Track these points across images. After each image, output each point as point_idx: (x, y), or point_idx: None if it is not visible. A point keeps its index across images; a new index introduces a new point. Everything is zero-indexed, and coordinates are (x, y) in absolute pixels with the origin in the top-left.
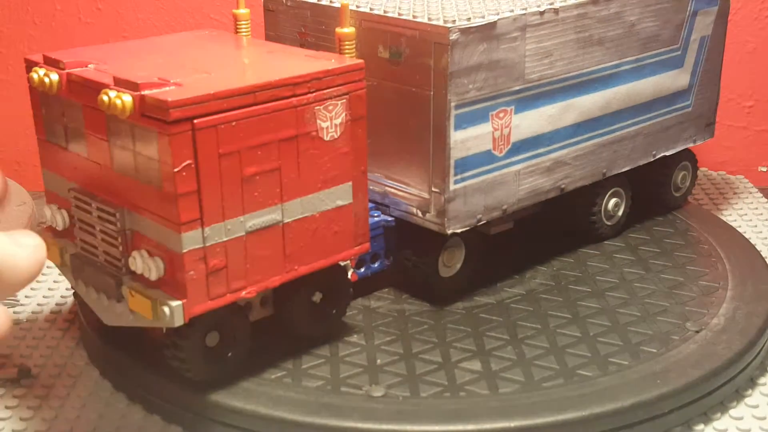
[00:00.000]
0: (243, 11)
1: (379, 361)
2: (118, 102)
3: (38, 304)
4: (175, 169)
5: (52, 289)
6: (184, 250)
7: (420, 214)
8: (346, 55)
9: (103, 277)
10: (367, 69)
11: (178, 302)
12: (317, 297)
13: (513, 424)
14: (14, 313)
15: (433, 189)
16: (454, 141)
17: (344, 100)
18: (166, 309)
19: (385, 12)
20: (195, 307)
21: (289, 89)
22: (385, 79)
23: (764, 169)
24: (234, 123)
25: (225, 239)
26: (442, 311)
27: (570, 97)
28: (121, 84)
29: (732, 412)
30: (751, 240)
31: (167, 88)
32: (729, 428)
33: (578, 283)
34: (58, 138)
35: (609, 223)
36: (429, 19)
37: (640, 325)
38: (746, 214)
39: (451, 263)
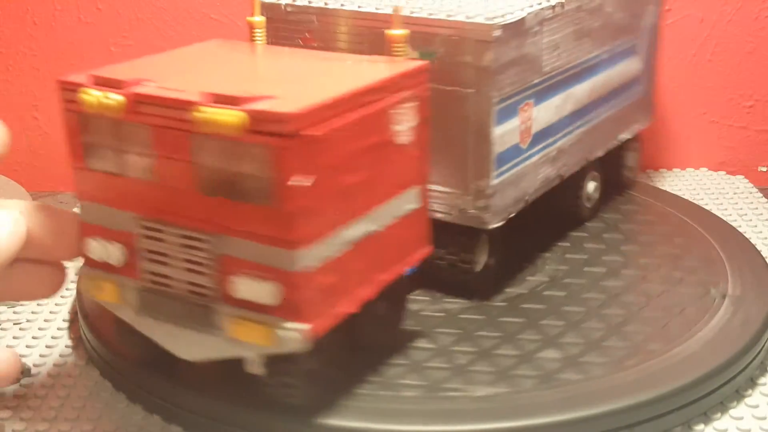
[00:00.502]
0: (258, 19)
1: (460, 362)
2: (224, 118)
3: (38, 304)
4: (290, 184)
5: None
6: (301, 269)
7: (456, 212)
8: (397, 57)
9: (190, 309)
10: None
11: (299, 325)
12: (382, 305)
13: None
14: (14, 313)
15: (474, 185)
16: (495, 136)
17: (415, 103)
18: (286, 334)
19: (411, 12)
20: (313, 328)
21: (377, 94)
22: None
23: (764, 169)
24: (337, 132)
25: (333, 254)
26: (485, 306)
27: (570, 87)
28: (220, 100)
29: (732, 412)
30: (751, 240)
31: (268, 101)
32: (729, 428)
33: (591, 264)
34: (109, 165)
35: (588, 206)
36: (467, 17)
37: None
38: (746, 214)
39: (480, 259)
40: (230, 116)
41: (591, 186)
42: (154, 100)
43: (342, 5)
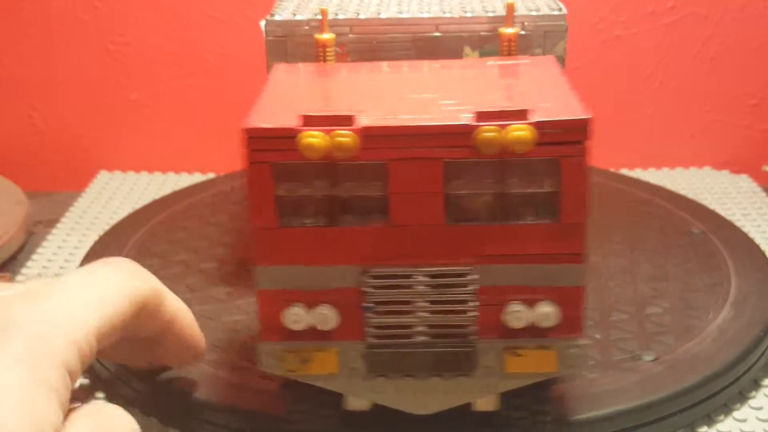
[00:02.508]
0: (327, 36)
1: (599, 337)
2: (522, 134)
3: None
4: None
5: None
6: (583, 282)
7: None
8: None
9: (439, 355)
10: None
11: (583, 341)
12: None
13: None
14: None
15: None
16: None
17: None
18: (575, 353)
19: (465, 13)
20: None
21: None
22: None
23: None
24: None
25: None
26: None
27: None
28: (500, 116)
29: (736, 414)
30: (755, 240)
31: (549, 111)
32: (732, 430)
33: None
34: (317, 217)
35: None
36: (529, 10)
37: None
38: (750, 214)
39: None
40: (525, 131)
41: None
42: (409, 131)
43: (379, 14)
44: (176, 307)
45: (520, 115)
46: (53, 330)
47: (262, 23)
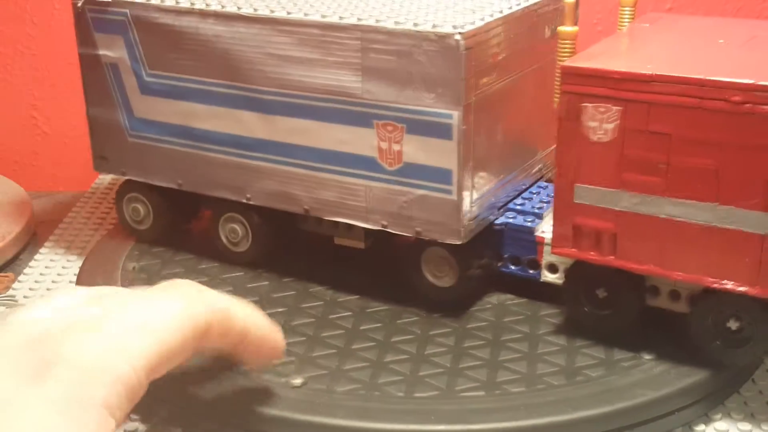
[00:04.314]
0: (572, 29)
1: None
2: None
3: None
4: None
5: (50, 289)
6: None
7: None
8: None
9: None
10: (535, 55)
11: None
12: None
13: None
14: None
15: None
16: None
17: None
18: None
19: None
20: None
21: None
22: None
23: None
24: None
25: None
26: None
27: None
28: None
29: (733, 413)
30: None
31: None
32: (730, 429)
33: None
34: None
35: None
36: None
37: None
38: None
39: None
40: None
41: None
42: None
43: (510, 8)
44: (247, 318)
45: None
46: (97, 368)
47: (458, 38)
